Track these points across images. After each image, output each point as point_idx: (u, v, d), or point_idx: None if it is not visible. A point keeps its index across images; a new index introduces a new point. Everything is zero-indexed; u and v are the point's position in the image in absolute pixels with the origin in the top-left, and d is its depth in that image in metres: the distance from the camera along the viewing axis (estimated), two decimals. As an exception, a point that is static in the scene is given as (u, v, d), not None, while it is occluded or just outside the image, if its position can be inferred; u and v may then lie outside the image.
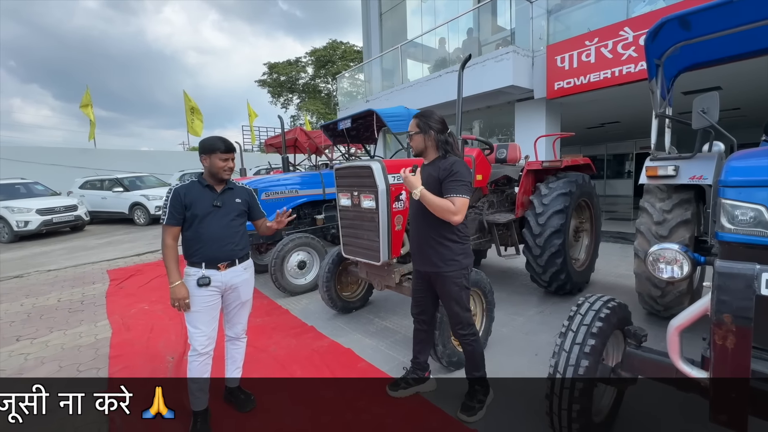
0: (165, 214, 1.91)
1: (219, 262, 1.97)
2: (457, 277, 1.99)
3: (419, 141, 2.02)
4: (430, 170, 1.99)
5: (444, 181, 1.88)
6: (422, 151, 2.06)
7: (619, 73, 5.65)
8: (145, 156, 18.09)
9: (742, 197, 1.10)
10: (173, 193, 1.92)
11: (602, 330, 1.54)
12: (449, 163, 1.91)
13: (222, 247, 1.97)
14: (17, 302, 4.48)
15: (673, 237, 2.74)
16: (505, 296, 3.88)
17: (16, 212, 8.88)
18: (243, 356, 2.27)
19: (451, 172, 1.87)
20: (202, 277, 1.93)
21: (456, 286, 2.00)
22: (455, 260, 1.98)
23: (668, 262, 1.35)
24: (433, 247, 1.99)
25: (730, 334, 1.02)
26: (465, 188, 1.86)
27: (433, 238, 1.99)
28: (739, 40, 2.56)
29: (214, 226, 1.96)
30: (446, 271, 1.98)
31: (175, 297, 1.89)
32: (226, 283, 2.01)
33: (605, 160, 15.01)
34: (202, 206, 1.94)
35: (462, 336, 2.07)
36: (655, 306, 2.93)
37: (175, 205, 1.90)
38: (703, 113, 2.15)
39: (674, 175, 2.71)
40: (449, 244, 1.97)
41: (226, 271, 2.00)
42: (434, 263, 2.00)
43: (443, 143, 1.98)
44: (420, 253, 2.08)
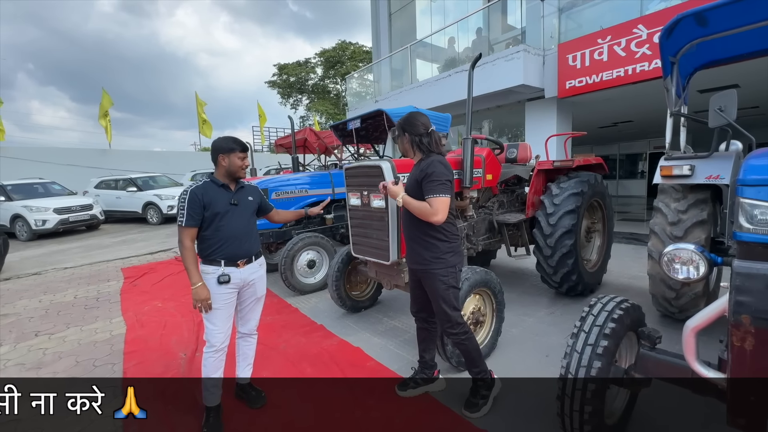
0: (183, 216, 1.91)
1: (239, 260, 2.01)
2: (443, 275, 1.98)
3: (400, 144, 2.11)
4: (414, 171, 2.04)
5: (422, 183, 1.90)
6: (406, 153, 2.13)
7: (632, 72, 5.56)
8: (158, 156, 18.40)
9: (761, 196, 1.07)
10: (190, 194, 1.93)
11: (615, 331, 1.52)
12: (426, 164, 1.94)
13: (242, 245, 2.02)
14: (36, 299, 4.61)
15: (689, 238, 2.68)
16: (516, 297, 3.85)
17: (35, 211, 9.12)
18: (254, 353, 2.30)
19: (426, 173, 1.89)
20: (223, 274, 1.95)
21: (443, 284, 1.99)
22: (441, 258, 1.98)
23: (684, 263, 1.33)
24: (420, 245, 2.02)
25: (748, 335, 1.00)
26: (442, 187, 1.87)
27: (420, 237, 2.02)
28: (757, 36, 2.49)
29: (234, 224, 2.00)
30: (432, 268, 1.99)
31: (198, 298, 1.91)
32: (244, 279, 2.05)
33: (618, 160, 14.75)
34: (221, 205, 1.97)
35: (453, 335, 2.06)
36: (670, 308, 2.88)
37: (193, 206, 1.92)
38: (720, 111, 2.10)
39: (690, 174, 2.65)
40: (435, 242, 1.99)
41: (245, 268, 2.04)
42: (420, 261, 2.03)
43: (418, 143, 2.02)
44: (410, 251, 2.11)
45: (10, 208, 9.28)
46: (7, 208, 9.32)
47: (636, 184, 13.93)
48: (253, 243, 2.10)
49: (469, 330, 2.10)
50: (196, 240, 2.01)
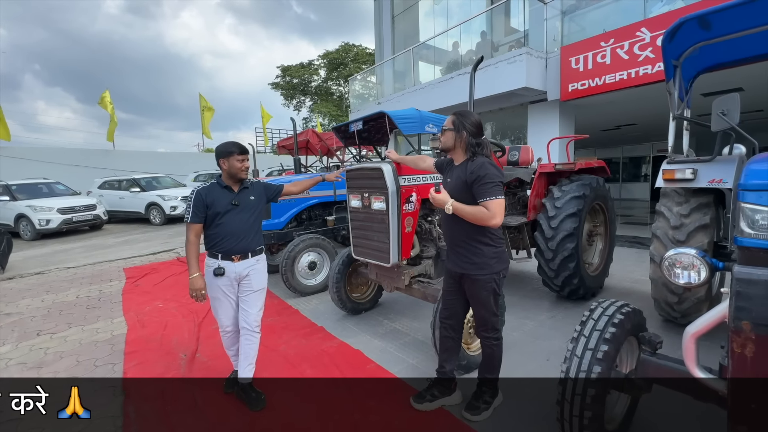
0: (189, 213, 2.13)
1: (234, 255, 2.19)
2: (487, 281, 1.92)
3: (450, 138, 1.96)
4: (459, 173, 1.93)
5: (474, 186, 1.81)
6: (450, 149, 1.99)
7: (635, 75, 5.55)
8: (161, 157, 18.51)
9: (763, 201, 1.07)
10: (196, 194, 2.15)
11: (615, 336, 1.51)
12: (477, 165, 1.84)
13: (239, 242, 2.20)
14: (38, 298, 4.63)
15: (691, 242, 2.66)
16: (516, 300, 3.84)
17: (39, 211, 9.18)
18: (256, 352, 2.32)
19: (478, 176, 1.79)
20: (218, 267, 2.17)
21: (485, 291, 1.93)
22: (487, 264, 1.91)
23: (685, 268, 1.32)
24: (465, 250, 1.94)
25: (749, 341, 0.99)
26: (497, 189, 1.79)
27: (465, 241, 1.93)
28: (760, 40, 2.47)
29: (233, 223, 2.19)
30: (476, 275, 1.92)
31: (193, 287, 2.12)
32: (239, 273, 2.22)
33: (621, 163, 14.73)
34: (222, 205, 2.17)
35: (485, 338, 2.05)
36: (672, 313, 2.86)
37: (197, 205, 2.13)
38: (722, 115, 2.09)
39: (692, 178, 2.64)
40: (481, 247, 1.90)
41: (239, 263, 2.21)
42: (464, 266, 1.95)
43: (472, 146, 1.91)
44: (453, 255, 2.03)
45: (15, 208, 9.34)
46: (12, 207, 9.38)
47: (639, 187, 13.90)
48: (252, 240, 2.26)
49: (501, 337, 2.09)
50: (202, 235, 2.21)
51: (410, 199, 2.75)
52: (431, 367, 2.57)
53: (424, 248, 3.10)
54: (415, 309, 3.72)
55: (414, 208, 2.78)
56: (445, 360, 2.20)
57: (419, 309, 3.70)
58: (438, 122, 4.74)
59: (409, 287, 2.88)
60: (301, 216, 5.22)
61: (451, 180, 1.95)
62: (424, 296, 2.83)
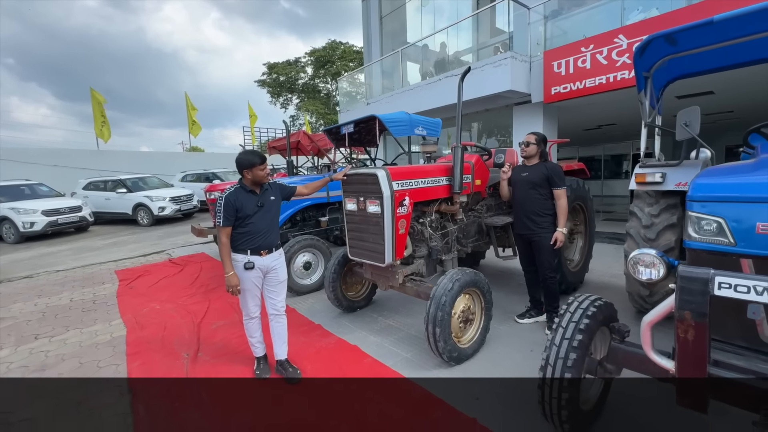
0: (220, 218, 2.38)
1: (262, 250, 2.49)
2: (548, 239, 3.03)
3: (533, 150, 3.11)
4: (534, 171, 3.08)
5: (551, 179, 3.00)
6: (531, 156, 3.13)
7: (614, 79, 5.82)
8: (146, 157, 18.19)
9: (705, 211, 1.26)
10: (225, 200, 2.39)
11: (589, 326, 1.70)
12: (549, 166, 3.05)
13: (266, 239, 2.51)
14: (30, 302, 4.63)
15: (661, 240, 2.90)
16: (503, 295, 4.05)
17: (22, 213, 9.01)
18: (286, 332, 2.69)
19: (555, 172, 3.01)
20: (248, 261, 2.45)
21: (546, 241, 3.03)
22: (548, 229, 3.05)
23: (646, 266, 1.51)
24: (532, 219, 3.07)
25: (690, 328, 1.18)
26: (564, 180, 3.06)
27: (536, 212, 3.07)
28: (722, 53, 2.72)
29: (260, 223, 2.48)
30: (541, 234, 3.04)
31: (230, 284, 2.42)
32: (267, 266, 2.53)
33: (603, 161, 15.20)
34: (250, 207, 2.45)
35: (549, 277, 3.09)
36: (644, 305, 3.10)
37: (228, 210, 2.38)
38: (685, 126, 2.31)
39: (661, 181, 2.88)
40: (546, 217, 3.05)
41: (267, 257, 2.52)
42: (533, 229, 3.08)
43: (543, 153, 3.13)
44: (524, 222, 3.14)
45: (-3, 210, 9.14)
46: (-7, 210, 9.18)
47: (620, 184, 14.36)
48: (274, 236, 2.58)
49: (557, 276, 3.18)
50: None
51: (403, 203, 2.91)
52: (425, 361, 2.76)
53: (417, 248, 3.27)
54: (407, 306, 3.89)
55: (407, 211, 2.94)
56: (534, 292, 3.39)
57: (411, 306, 3.87)
58: (427, 125, 4.92)
59: (403, 285, 3.03)
60: (295, 217, 5.33)
61: (528, 174, 3.10)
62: (417, 294, 2.98)
